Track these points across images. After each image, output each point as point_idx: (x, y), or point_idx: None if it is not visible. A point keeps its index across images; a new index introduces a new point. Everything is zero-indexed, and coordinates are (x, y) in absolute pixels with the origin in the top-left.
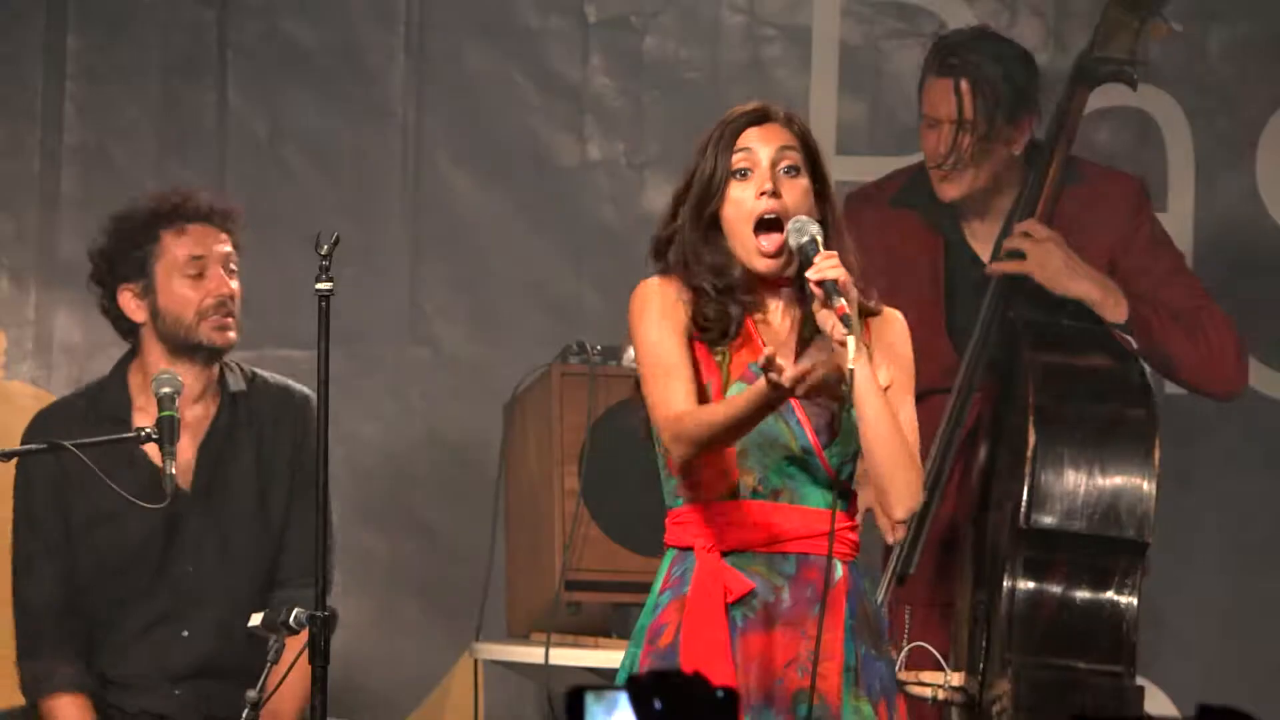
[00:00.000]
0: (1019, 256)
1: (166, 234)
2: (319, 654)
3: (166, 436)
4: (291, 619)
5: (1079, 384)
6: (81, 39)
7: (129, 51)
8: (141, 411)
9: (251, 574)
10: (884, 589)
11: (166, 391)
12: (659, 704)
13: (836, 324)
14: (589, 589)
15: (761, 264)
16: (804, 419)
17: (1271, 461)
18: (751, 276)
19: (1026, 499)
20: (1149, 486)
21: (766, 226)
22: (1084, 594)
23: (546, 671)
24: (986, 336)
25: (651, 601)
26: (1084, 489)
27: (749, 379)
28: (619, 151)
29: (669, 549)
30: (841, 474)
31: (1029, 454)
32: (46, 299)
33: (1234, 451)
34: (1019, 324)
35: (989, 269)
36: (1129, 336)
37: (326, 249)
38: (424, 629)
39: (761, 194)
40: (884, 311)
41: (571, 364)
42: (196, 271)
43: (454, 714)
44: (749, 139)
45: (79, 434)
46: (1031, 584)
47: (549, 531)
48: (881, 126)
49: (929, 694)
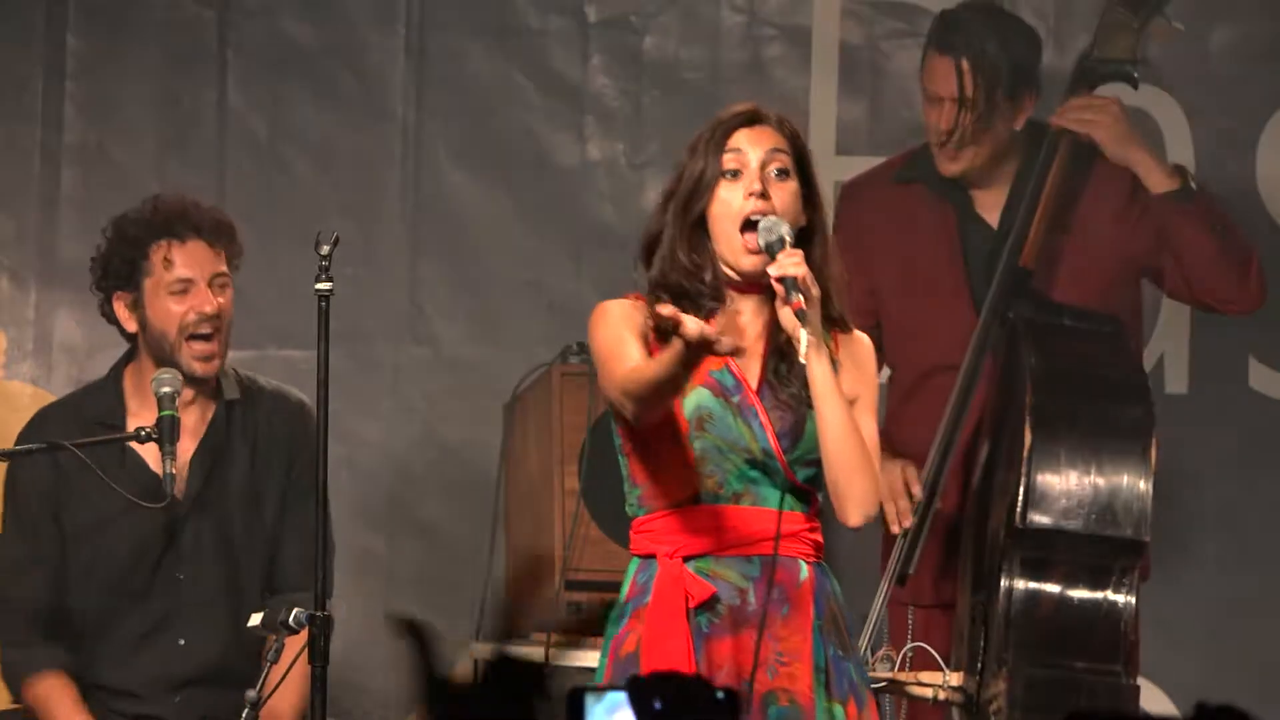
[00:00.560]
0: (1087, 121)
1: (156, 249)
2: (318, 654)
3: (166, 436)
4: (291, 619)
5: (1076, 384)
6: (81, 39)
7: (129, 51)
8: (134, 416)
9: (247, 582)
10: (884, 590)
11: (166, 391)
12: (659, 704)
13: (793, 322)
14: (589, 589)
15: (747, 262)
16: (766, 422)
17: (1271, 461)
18: (724, 281)
19: (1023, 498)
20: (1146, 485)
21: (752, 227)
22: (1081, 593)
23: (546, 671)
24: (987, 338)
25: (616, 612)
26: (1081, 488)
27: (711, 385)
28: (619, 151)
29: (634, 558)
30: (800, 477)
31: (1025, 453)
32: (46, 299)
33: (1234, 451)
34: (1019, 324)
35: (1053, 122)
36: (1184, 202)
37: (326, 249)
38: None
39: (750, 194)
40: (854, 332)
41: (571, 364)
42: (182, 289)
43: None
44: (740, 140)
45: (72, 436)
46: (1028, 583)
47: (549, 531)
48: (881, 126)
49: (929, 694)
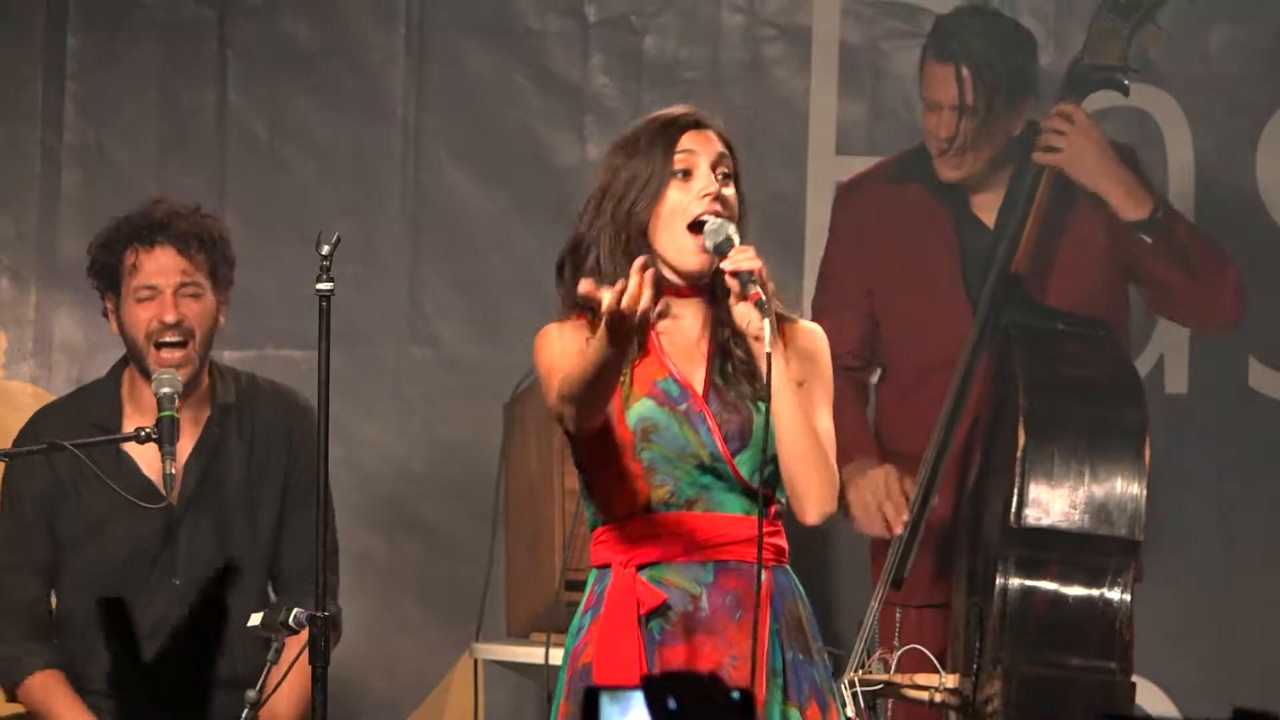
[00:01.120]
0: (1055, 150)
1: (129, 253)
2: (319, 655)
3: (166, 436)
4: (291, 619)
5: (1068, 386)
6: (81, 39)
7: (129, 51)
8: (129, 419)
9: (243, 586)
10: (879, 593)
11: (166, 391)
12: (673, 704)
13: (752, 315)
14: None
15: (695, 262)
16: (714, 427)
17: (1271, 461)
18: (664, 287)
19: (1017, 499)
20: (1139, 485)
21: (698, 229)
22: (1076, 592)
23: (546, 671)
24: (979, 341)
25: (575, 623)
26: (1074, 488)
27: (656, 396)
28: None
29: (593, 569)
30: (753, 480)
31: (1018, 455)
32: (46, 299)
33: (1234, 451)
34: (1012, 329)
35: (1034, 159)
36: (1145, 236)
37: (327, 249)
38: (424, 629)
39: (706, 195)
40: (798, 321)
41: None
42: (148, 296)
43: (454, 714)
44: (689, 142)
45: (70, 437)
46: (1023, 583)
47: (549, 531)
48: (881, 126)
49: (925, 697)
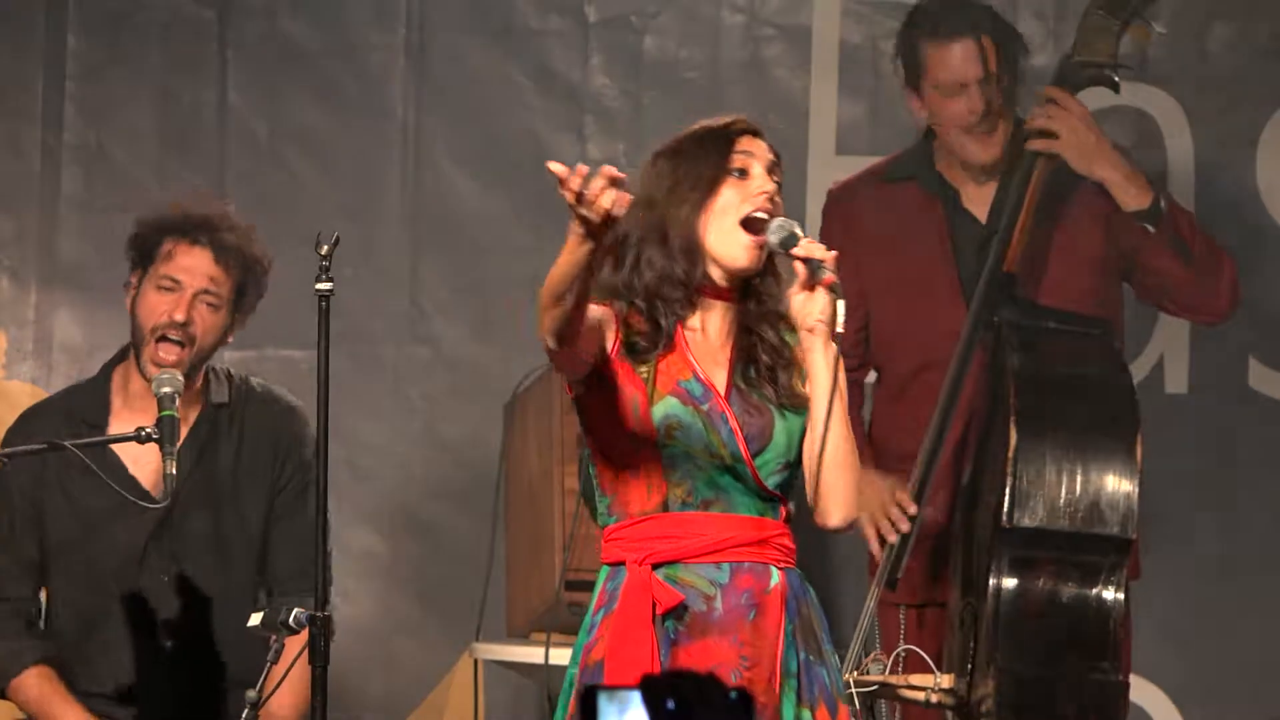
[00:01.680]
0: (1050, 135)
1: (170, 241)
2: (319, 655)
3: (167, 436)
4: (291, 619)
5: (1060, 384)
6: (81, 39)
7: (129, 51)
8: (117, 416)
9: (233, 585)
10: (873, 593)
11: (166, 391)
12: (672, 704)
13: (809, 306)
14: (589, 589)
15: (745, 257)
16: (736, 428)
17: (1271, 461)
18: (703, 284)
19: (1009, 499)
20: (1132, 483)
21: (751, 225)
22: (1069, 591)
23: (546, 671)
24: (972, 341)
25: (587, 621)
26: (1066, 487)
27: (680, 394)
28: (619, 151)
29: (604, 566)
30: (770, 484)
31: (1010, 454)
32: (46, 299)
33: (1234, 451)
34: (1004, 327)
35: (1029, 146)
36: (1148, 226)
37: (327, 249)
38: (424, 629)
39: (763, 193)
40: None
41: None
42: (168, 287)
43: (454, 714)
44: (747, 144)
45: (59, 435)
46: (1016, 583)
47: (549, 531)
48: (881, 126)
49: (922, 697)
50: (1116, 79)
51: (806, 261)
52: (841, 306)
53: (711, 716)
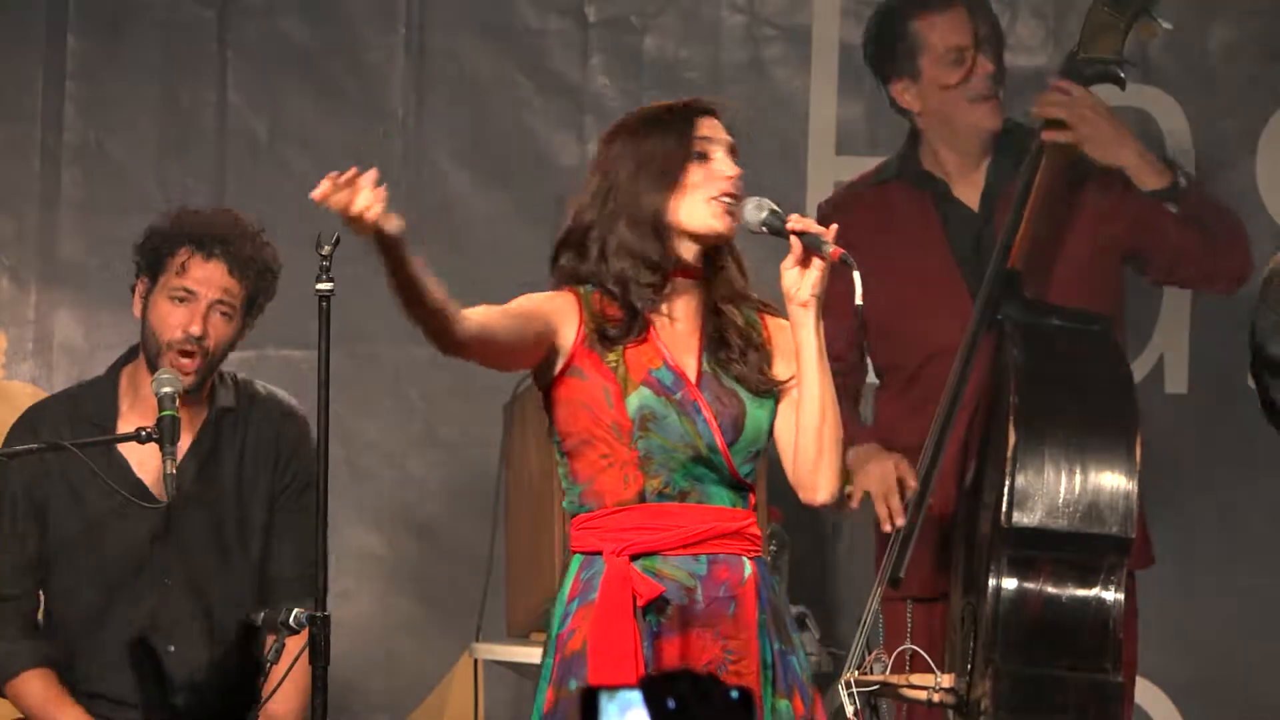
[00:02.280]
0: (1060, 124)
1: (185, 251)
2: (319, 655)
3: (167, 436)
4: (291, 619)
5: (1060, 382)
6: (81, 39)
7: (129, 51)
8: (124, 418)
9: (235, 587)
10: (876, 590)
11: (167, 391)
12: (672, 703)
13: (803, 281)
14: None
15: (722, 223)
16: (710, 418)
17: (1271, 461)
18: (673, 265)
19: (1008, 498)
20: (1131, 482)
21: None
22: (1068, 592)
23: None
24: (976, 338)
25: (560, 610)
26: (1066, 487)
27: (652, 385)
28: None
29: (575, 554)
30: (742, 473)
31: (1009, 453)
32: (46, 299)
33: (1234, 451)
34: (1006, 324)
35: (1044, 135)
36: (1171, 205)
37: (327, 249)
38: (424, 629)
39: (727, 177)
40: (779, 317)
41: None
42: (181, 299)
43: (454, 714)
44: (706, 127)
45: (65, 435)
46: (1016, 583)
47: (549, 531)
48: (881, 126)
49: (923, 697)
50: (1123, 75)
51: (803, 236)
52: (858, 277)
53: (715, 716)
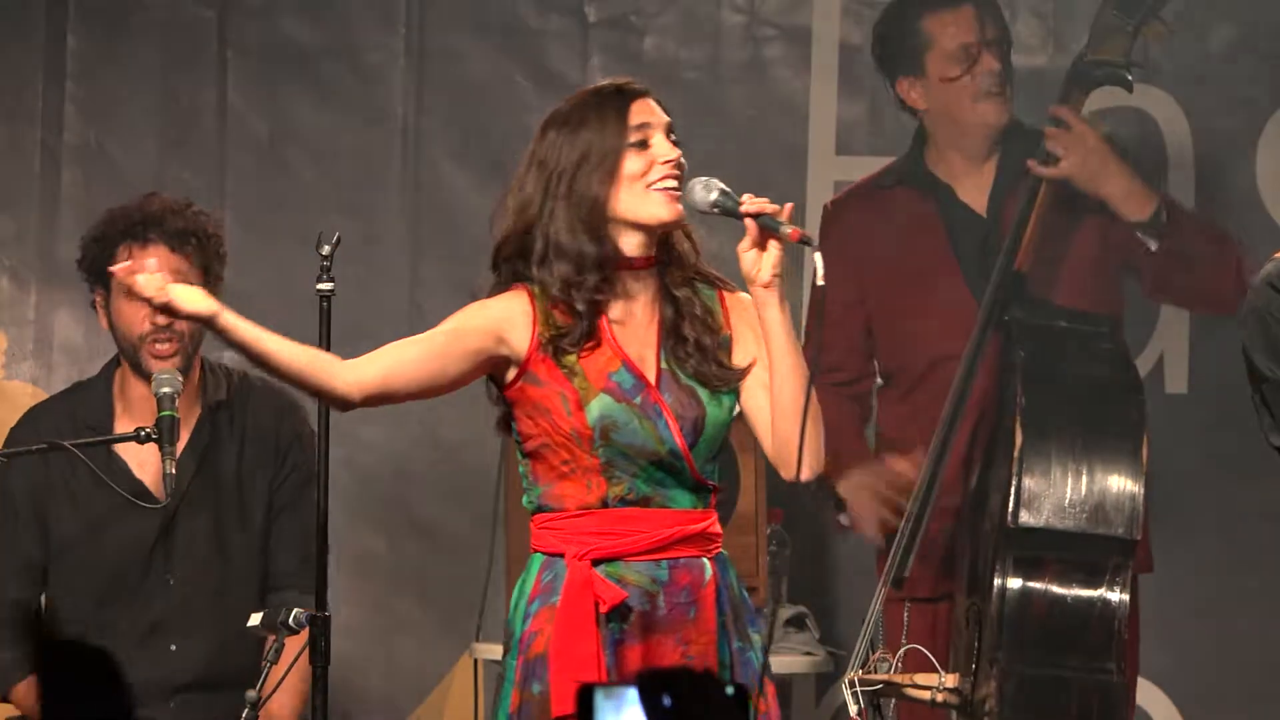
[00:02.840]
0: (1053, 162)
1: (124, 249)
2: (319, 655)
3: (166, 436)
4: (291, 619)
5: (1067, 384)
6: (81, 39)
7: (129, 51)
8: (120, 420)
9: (236, 585)
10: (880, 591)
11: (166, 391)
12: (667, 702)
13: (763, 262)
14: None
15: (668, 210)
16: (671, 420)
17: (1271, 461)
18: (617, 260)
19: (1013, 498)
20: (1137, 484)
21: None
22: (1073, 592)
23: None
24: (982, 340)
25: (521, 610)
26: (1072, 488)
27: (613, 391)
28: None
29: (536, 554)
30: (705, 473)
31: (1016, 454)
32: (46, 299)
33: (1234, 451)
34: (1013, 326)
35: (1032, 169)
36: (1148, 239)
37: (328, 249)
38: (424, 629)
39: (667, 161)
40: (737, 293)
41: None
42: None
43: (454, 714)
44: (641, 112)
45: (64, 437)
46: (1021, 583)
47: None
48: (881, 126)
49: (927, 697)
50: (1130, 77)
51: (758, 218)
52: (819, 258)
53: (710, 714)
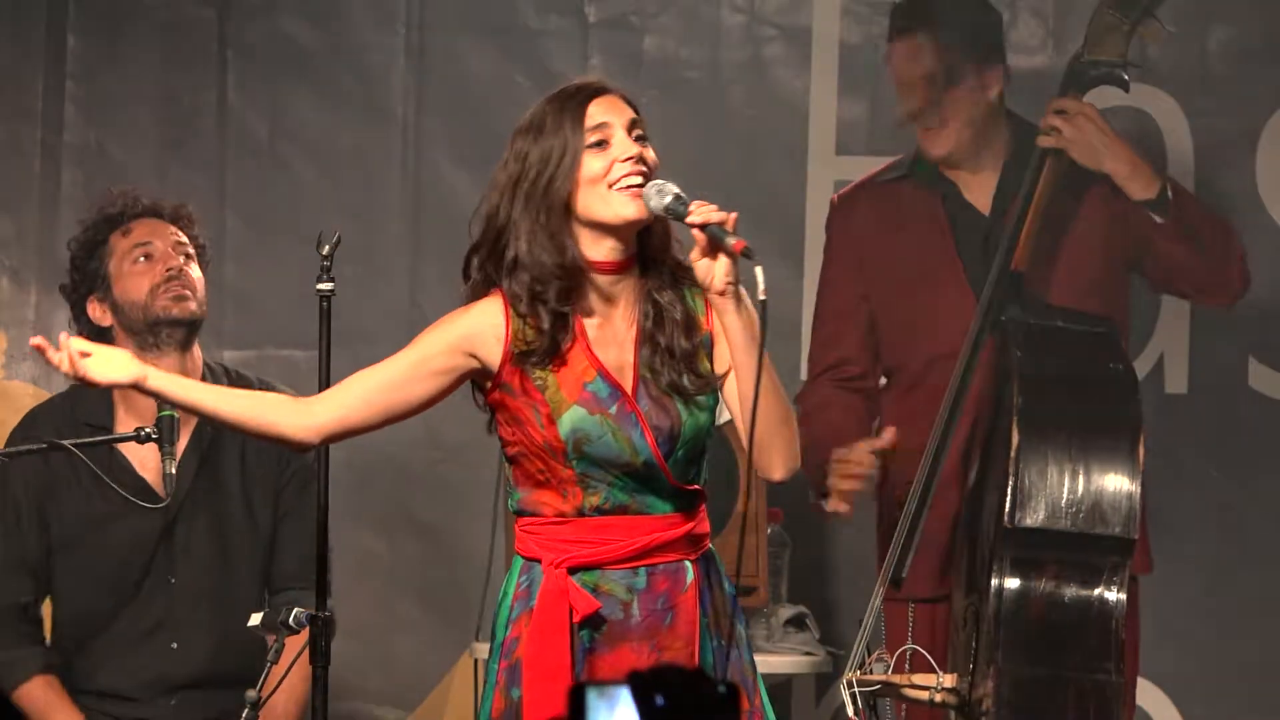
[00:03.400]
0: (1056, 133)
1: (114, 236)
2: (319, 655)
3: (166, 436)
4: (291, 619)
5: (1063, 383)
6: (81, 39)
7: (129, 51)
8: (121, 421)
9: (240, 583)
10: (878, 591)
11: None
12: (661, 701)
13: (716, 270)
14: None
15: (632, 209)
16: (646, 430)
17: (1271, 461)
18: (585, 264)
19: (1010, 498)
20: (1134, 483)
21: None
22: (1071, 592)
23: None
24: (979, 339)
25: (504, 614)
26: (1069, 488)
27: (587, 402)
28: None
29: (517, 556)
30: (686, 478)
31: (1012, 454)
32: (46, 299)
33: (1234, 451)
34: (1010, 325)
35: (1039, 141)
36: (1155, 215)
37: (328, 249)
38: (424, 629)
39: (629, 159)
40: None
41: None
42: (144, 255)
43: (454, 714)
44: (599, 110)
45: (64, 437)
46: (1018, 583)
47: None
48: (881, 126)
49: (925, 697)
50: (1126, 78)
51: (704, 228)
52: (760, 272)
53: (703, 712)
